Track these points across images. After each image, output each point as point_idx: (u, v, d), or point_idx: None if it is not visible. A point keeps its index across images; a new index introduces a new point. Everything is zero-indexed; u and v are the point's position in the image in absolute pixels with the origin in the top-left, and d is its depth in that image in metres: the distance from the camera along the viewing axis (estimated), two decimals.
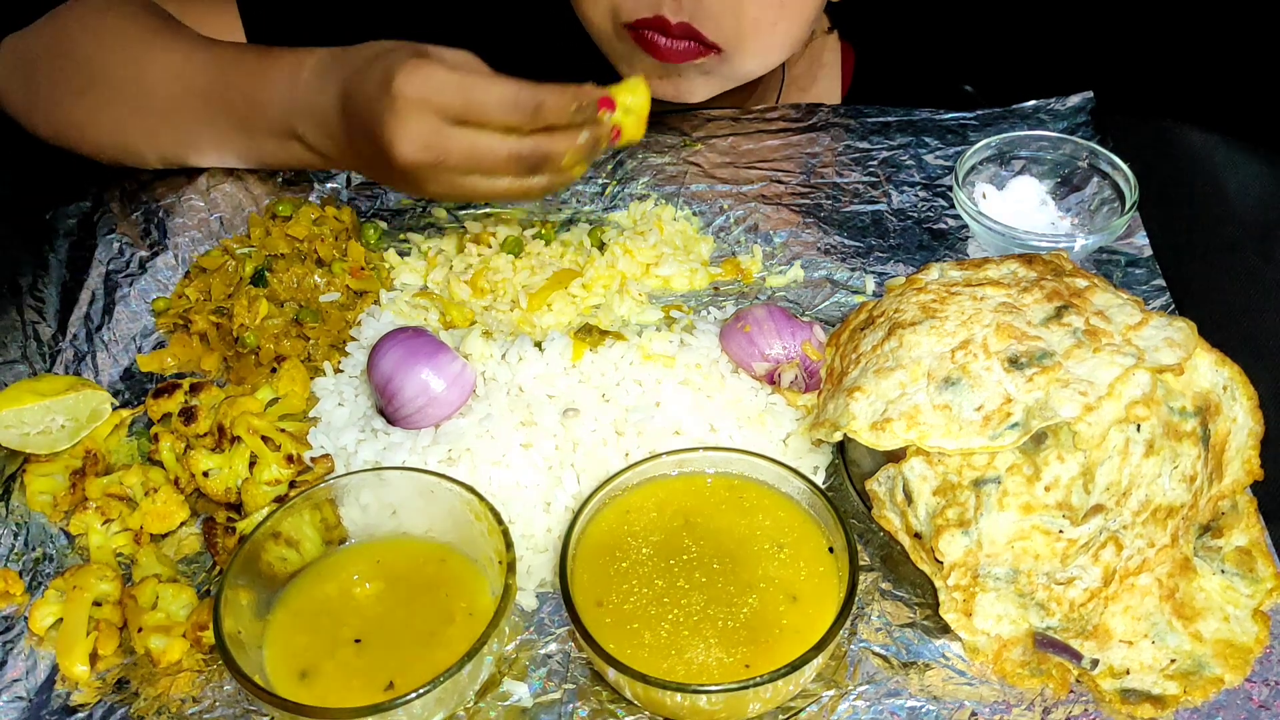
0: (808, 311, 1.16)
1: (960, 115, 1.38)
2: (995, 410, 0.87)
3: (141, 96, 1.22)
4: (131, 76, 1.22)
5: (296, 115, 1.13)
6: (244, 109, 1.17)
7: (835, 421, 0.92)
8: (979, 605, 0.86)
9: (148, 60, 1.22)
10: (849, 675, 0.87)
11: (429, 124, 1.00)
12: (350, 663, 0.83)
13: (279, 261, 1.12)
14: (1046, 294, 0.93)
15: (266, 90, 1.15)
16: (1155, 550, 0.88)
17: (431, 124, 1.00)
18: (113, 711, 0.86)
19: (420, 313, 1.13)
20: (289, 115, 1.14)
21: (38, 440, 1.01)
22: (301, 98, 1.12)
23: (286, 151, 1.18)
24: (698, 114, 1.39)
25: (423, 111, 1.00)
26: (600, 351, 1.03)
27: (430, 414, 0.98)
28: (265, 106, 1.15)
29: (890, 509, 0.89)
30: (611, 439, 0.98)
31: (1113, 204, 1.19)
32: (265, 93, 1.15)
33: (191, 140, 1.23)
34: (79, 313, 1.16)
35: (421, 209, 1.29)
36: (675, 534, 0.89)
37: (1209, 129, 1.32)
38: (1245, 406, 0.91)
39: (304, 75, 1.12)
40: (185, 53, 1.21)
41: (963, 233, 1.24)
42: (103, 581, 0.91)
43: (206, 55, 1.20)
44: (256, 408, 1.00)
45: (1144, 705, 0.84)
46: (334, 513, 0.90)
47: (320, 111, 1.10)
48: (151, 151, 1.26)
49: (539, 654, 0.89)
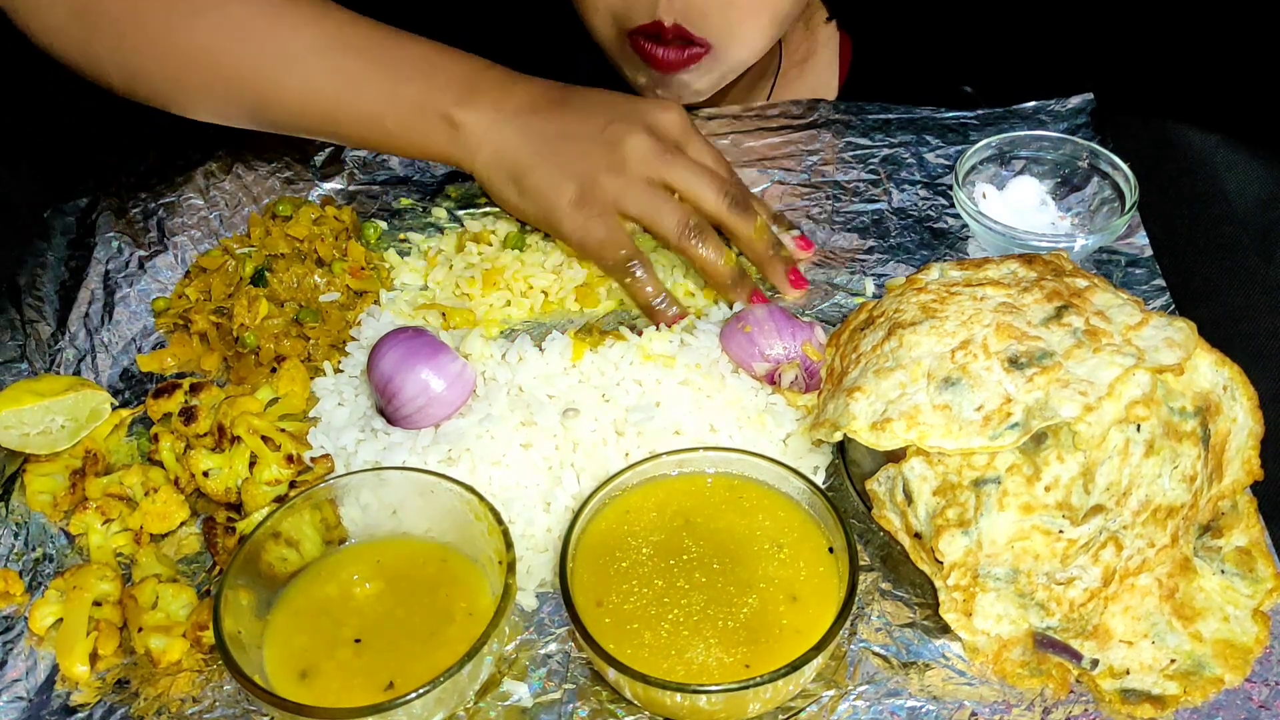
0: (808, 311, 1.16)
1: (961, 114, 1.38)
2: (995, 410, 0.87)
3: (270, 49, 1.14)
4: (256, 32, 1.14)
5: (483, 148, 1.14)
6: (435, 122, 1.14)
7: (835, 421, 0.92)
8: (979, 605, 0.86)
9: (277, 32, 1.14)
10: (849, 675, 0.87)
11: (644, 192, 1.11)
12: (350, 663, 0.83)
13: (279, 261, 1.12)
14: (1046, 294, 0.93)
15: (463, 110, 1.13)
16: (1155, 550, 0.88)
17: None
18: (113, 711, 0.86)
19: (421, 314, 1.13)
20: (475, 147, 1.14)
21: (38, 440, 1.01)
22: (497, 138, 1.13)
23: (436, 155, 1.17)
24: (698, 113, 1.39)
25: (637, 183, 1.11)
26: (600, 351, 1.03)
27: (430, 414, 0.98)
28: (459, 126, 1.13)
29: (890, 509, 0.89)
30: (611, 439, 0.98)
31: (1113, 204, 1.19)
32: (462, 112, 1.13)
33: (332, 129, 1.18)
34: (78, 313, 1.16)
35: (422, 209, 1.29)
36: (675, 534, 0.89)
37: (1209, 129, 1.32)
38: (1245, 406, 0.91)
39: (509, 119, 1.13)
40: (331, 27, 1.14)
41: (963, 233, 1.24)
42: (103, 581, 0.91)
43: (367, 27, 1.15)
44: (256, 408, 1.00)
45: (1144, 705, 0.84)
46: (334, 513, 0.90)
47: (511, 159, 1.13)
48: (262, 107, 1.17)
49: (539, 654, 0.89)
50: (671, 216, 1.09)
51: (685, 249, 1.10)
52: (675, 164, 1.11)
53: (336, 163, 1.34)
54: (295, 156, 1.33)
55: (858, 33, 1.52)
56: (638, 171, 1.10)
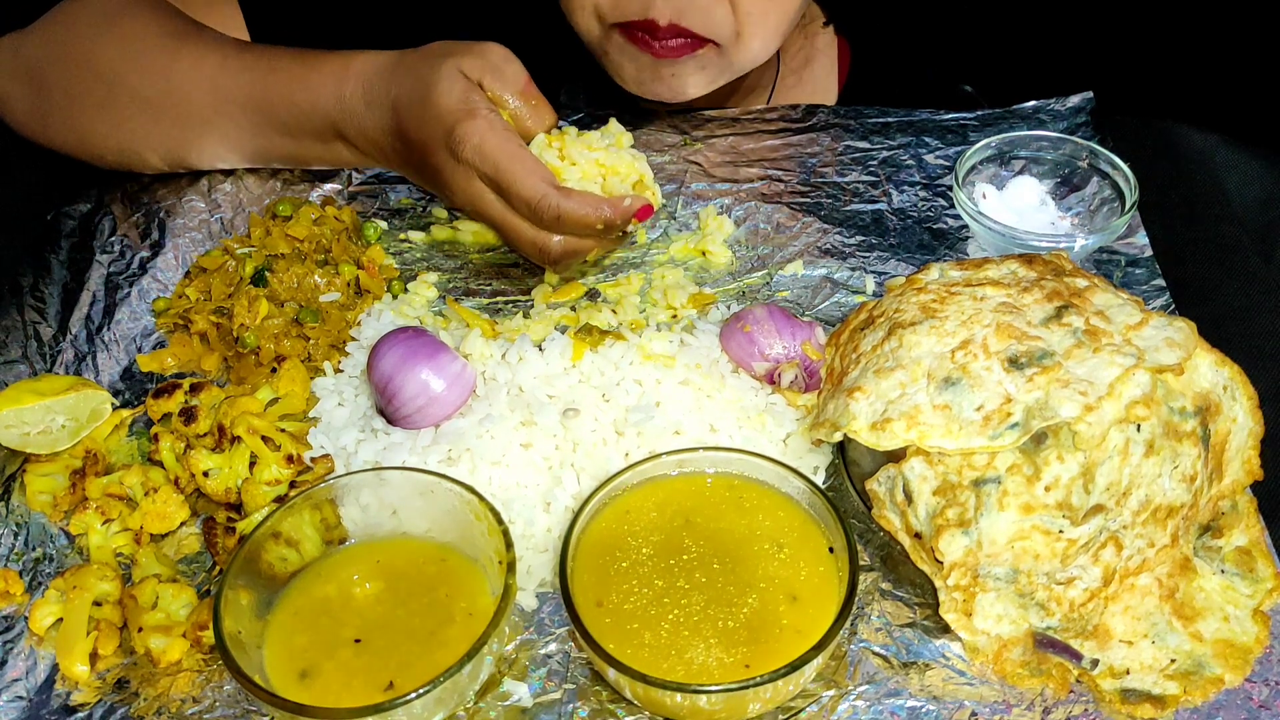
0: (808, 311, 1.16)
1: (960, 115, 1.38)
2: (995, 410, 0.87)
3: (172, 106, 1.21)
4: (160, 87, 1.21)
5: (344, 122, 1.16)
6: (286, 114, 1.19)
7: (835, 421, 0.92)
8: (979, 605, 0.86)
9: (177, 69, 1.20)
10: (849, 675, 0.86)
11: (475, 188, 1.08)
12: (350, 663, 0.83)
13: (279, 261, 1.12)
14: (1046, 294, 0.93)
15: (310, 95, 1.17)
16: (1155, 550, 0.88)
17: (478, 189, 1.08)
18: (113, 711, 0.86)
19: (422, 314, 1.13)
20: (335, 121, 1.17)
21: (38, 440, 1.01)
22: (350, 107, 1.15)
23: (330, 153, 1.21)
24: (697, 113, 1.39)
25: (470, 176, 1.07)
26: (600, 351, 1.03)
27: (430, 414, 0.98)
28: (310, 112, 1.17)
29: (890, 509, 0.89)
30: (611, 439, 0.98)
31: (1113, 204, 1.19)
32: (309, 97, 1.17)
33: (229, 145, 1.24)
34: (79, 313, 1.16)
35: (422, 209, 1.29)
36: (675, 534, 0.89)
37: (1209, 129, 1.32)
38: (1245, 406, 0.91)
39: (350, 85, 1.15)
40: (219, 59, 1.20)
41: (963, 233, 1.24)
42: (103, 581, 0.91)
43: (242, 61, 1.20)
44: (256, 408, 1.00)
45: (1144, 705, 0.84)
46: (334, 513, 0.90)
47: (370, 125, 1.15)
48: (184, 157, 1.26)
49: (539, 654, 0.89)
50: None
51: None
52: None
53: None
54: None
55: (855, 38, 1.52)
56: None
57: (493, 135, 1.04)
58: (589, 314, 1.10)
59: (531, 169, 1.05)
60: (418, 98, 1.08)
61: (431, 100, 1.07)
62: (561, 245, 1.08)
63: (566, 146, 1.10)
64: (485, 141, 1.04)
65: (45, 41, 1.24)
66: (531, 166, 1.05)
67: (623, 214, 1.07)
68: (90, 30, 1.23)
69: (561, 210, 1.04)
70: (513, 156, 1.04)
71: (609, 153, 1.11)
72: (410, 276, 1.20)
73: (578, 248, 1.09)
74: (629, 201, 1.08)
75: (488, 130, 1.04)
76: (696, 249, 1.22)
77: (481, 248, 1.24)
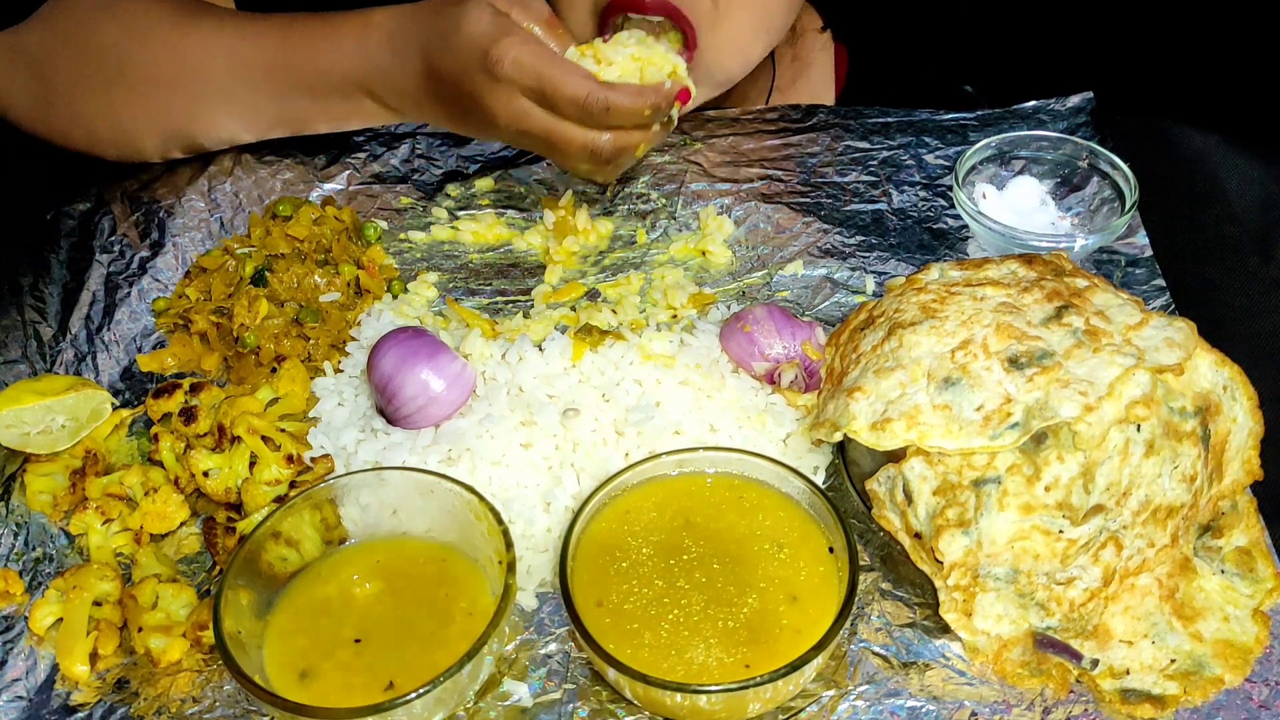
0: (808, 311, 1.16)
1: (960, 115, 1.38)
2: (995, 410, 0.87)
3: (186, 81, 1.21)
4: (171, 62, 1.21)
5: (370, 76, 1.18)
6: (311, 75, 1.20)
7: (835, 421, 0.92)
8: (979, 605, 0.86)
9: (188, 43, 1.21)
10: (849, 675, 0.86)
11: (518, 105, 1.08)
12: (350, 663, 0.83)
13: (279, 261, 1.12)
14: (1046, 294, 0.93)
15: (334, 54, 1.18)
16: (1155, 550, 0.88)
17: (521, 105, 1.08)
18: (113, 711, 0.86)
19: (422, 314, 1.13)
20: (361, 77, 1.18)
21: (38, 440, 1.01)
22: (374, 59, 1.16)
23: (359, 111, 1.22)
24: (698, 114, 1.39)
25: (512, 93, 1.07)
26: (600, 351, 1.03)
27: (430, 414, 0.98)
28: (333, 71, 1.19)
29: (890, 509, 0.89)
30: (611, 439, 0.98)
31: (1113, 204, 1.19)
32: (333, 57, 1.18)
33: (247, 116, 1.25)
34: (79, 313, 1.16)
35: (422, 209, 1.29)
36: (675, 534, 0.89)
37: (1209, 129, 1.32)
38: (1245, 406, 0.91)
39: (374, 37, 1.16)
40: (235, 28, 1.21)
41: (963, 233, 1.24)
42: (103, 581, 0.91)
43: (258, 27, 1.21)
44: (256, 408, 1.00)
45: (1144, 705, 0.84)
46: (334, 513, 0.90)
47: (399, 73, 1.16)
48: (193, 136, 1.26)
49: (539, 654, 0.89)
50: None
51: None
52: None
53: (337, 163, 1.34)
54: (296, 157, 1.33)
55: (852, 42, 1.51)
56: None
57: (529, 46, 1.06)
58: (589, 314, 1.10)
59: (573, 69, 1.06)
60: (447, 32, 1.09)
61: (462, 30, 1.08)
62: (612, 142, 1.09)
63: (599, 51, 1.11)
64: (523, 54, 1.05)
65: (46, 29, 1.24)
66: (572, 68, 1.06)
67: (665, 96, 1.09)
68: (92, 14, 1.23)
69: (610, 101, 1.05)
70: (552, 61, 1.06)
71: (641, 46, 1.12)
72: (410, 276, 1.20)
73: (627, 142, 1.10)
74: (670, 84, 1.10)
75: (523, 44, 1.06)
76: (696, 249, 1.22)
77: (481, 248, 1.24)
